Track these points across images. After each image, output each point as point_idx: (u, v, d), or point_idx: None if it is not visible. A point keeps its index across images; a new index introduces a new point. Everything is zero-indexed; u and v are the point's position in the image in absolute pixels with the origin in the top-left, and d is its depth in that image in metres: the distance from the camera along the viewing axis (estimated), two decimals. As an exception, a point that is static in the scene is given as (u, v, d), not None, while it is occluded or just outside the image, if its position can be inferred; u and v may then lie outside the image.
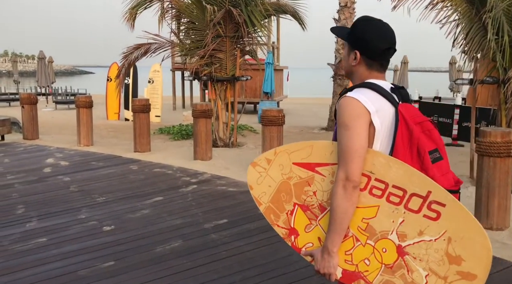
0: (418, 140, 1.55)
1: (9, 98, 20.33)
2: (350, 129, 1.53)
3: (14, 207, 4.61)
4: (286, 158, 1.76)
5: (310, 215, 1.71)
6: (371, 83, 1.61)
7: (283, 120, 6.03)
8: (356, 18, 1.74)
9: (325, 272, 1.63)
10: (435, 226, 1.49)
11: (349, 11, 11.65)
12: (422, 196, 1.50)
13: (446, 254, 1.48)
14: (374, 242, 1.58)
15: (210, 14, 7.40)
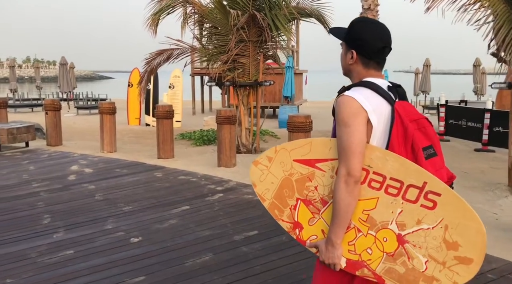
0: (412, 137, 1.61)
1: (31, 103, 20.63)
2: (349, 126, 1.59)
3: (40, 217, 4.55)
4: (287, 155, 1.83)
5: (313, 209, 1.78)
6: (368, 82, 1.65)
7: (310, 126, 5.86)
8: (352, 21, 1.76)
9: (329, 262, 1.69)
10: (432, 215, 1.56)
11: (372, 13, 11.40)
12: (419, 187, 1.58)
13: (444, 241, 1.55)
14: (375, 232, 1.65)
15: (233, 18, 7.29)
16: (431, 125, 1.71)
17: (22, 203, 5.02)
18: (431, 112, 20.57)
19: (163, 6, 8.44)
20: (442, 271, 1.58)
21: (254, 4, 7.63)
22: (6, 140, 8.05)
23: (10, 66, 23.59)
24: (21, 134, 8.29)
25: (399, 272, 1.63)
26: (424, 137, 1.66)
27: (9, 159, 7.50)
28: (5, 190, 5.57)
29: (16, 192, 5.47)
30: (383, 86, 1.68)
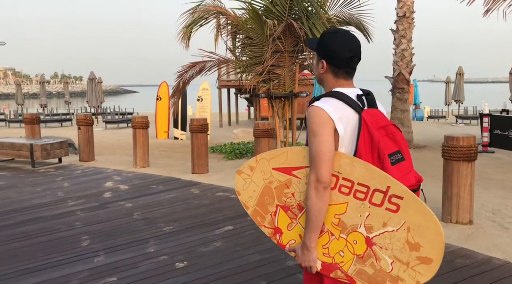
0: (378, 144, 1.67)
1: (61, 118, 20.88)
2: (317, 135, 1.67)
3: (79, 238, 4.33)
4: (266, 164, 1.93)
5: (291, 215, 1.88)
6: (336, 92, 1.73)
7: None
8: (323, 32, 1.82)
9: (306, 265, 1.78)
10: (396, 218, 1.64)
11: (408, 21, 11.04)
12: (383, 191, 1.65)
13: (407, 242, 1.63)
14: (346, 235, 1.72)
15: (269, 28, 7.04)
16: (399, 131, 1.78)
17: (60, 222, 4.83)
18: (465, 122, 19.87)
19: (196, 18, 8.29)
20: (406, 271, 1.65)
21: (290, 13, 7.39)
22: (40, 156, 7.97)
23: (40, 82, 24.05)
24: (55, 150, 8.21)
25: (368, 273, 1.71)
26: (392, 142, 1.73)
27: (44, 176, 7.39)
28: (42, 208, 5.40)
29: (52, 210, 5.30)
30: (351, 94, 1.75)
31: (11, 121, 20.15)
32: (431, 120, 22.42)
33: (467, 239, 4.11)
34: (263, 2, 7.62)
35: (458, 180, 4.30)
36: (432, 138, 13.13)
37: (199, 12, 8.26)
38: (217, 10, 8.07)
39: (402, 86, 11.26)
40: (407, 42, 11.11)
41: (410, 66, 11.27)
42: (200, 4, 8.29)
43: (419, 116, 22.57)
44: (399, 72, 11.23)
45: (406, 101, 11.43)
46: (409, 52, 11.18)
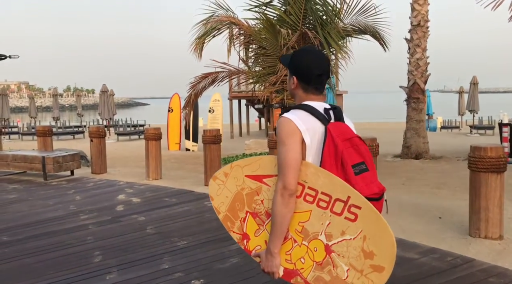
0: (342, 155, 1.75)
1: (73, 131, 20.98)
2: (285, 145, 1.75)
3: (91, 254, 4.19)
4: (240, 171, 2.00)
5: (259, 221, 1.94)
6: (304, 105, 1.83)
7: (377, 150, 5.33)
8: (295, 52, 1.93)
9: (268, 270, 1.83)
10: (353, 227, 1.70)
11: (422, 30, 10.87)
12: (344, 201, 1.71)
13: (362, 250, 1.68)
14: (308, 242, 1.78)
15: (283, 38, 6.95)
16: (364, 143, 1.88)
17: (71, 237, 4.70)
18: (480, 132, 19.52)
19: (208, 29, 8.26)
20: (360, 278, 1.71)
21: (304, 22, 7.30)
22: (52, 169, 7.90)
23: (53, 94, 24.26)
24: (67, 162, 8.14)
25: (325, 280, 1.76)
26: (356, 154, 1.81)
27: (55, 189, 7.31)
28: (54, 222, 5.29)
29: (64, 225, 5.18)
30: (319, 108, 1.84)
31: (24, 134, 20.29)
32: (444, 130, 22.10)
33: (499, 256, 3.89)
34: (277, 12, 7.56)
35: (487, 193, 4.09)
36: (447, 149, 12.86)
37: (211, 23, 8.23)
38: (230, 20, 8.02)
39: (417, 96, 11.05)
40: (422, 51, 10.93)
41: (425, 75, 11.08)
42: (212, 15, 8.26)
43: (432, 126, 22.25)
44: (414, 81, 11.03)
45: (421, 111, 11.21)
46: (424, 61, 10.99)
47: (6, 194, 7.03)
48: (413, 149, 11.02)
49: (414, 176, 8.50)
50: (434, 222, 4.92)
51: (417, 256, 3.89)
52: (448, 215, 5.18)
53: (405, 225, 4.83)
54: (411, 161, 10.53)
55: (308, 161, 1.80)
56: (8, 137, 20.51)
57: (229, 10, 8.15)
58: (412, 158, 10.88)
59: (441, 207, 5.57)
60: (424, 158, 10.86)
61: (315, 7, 7.08)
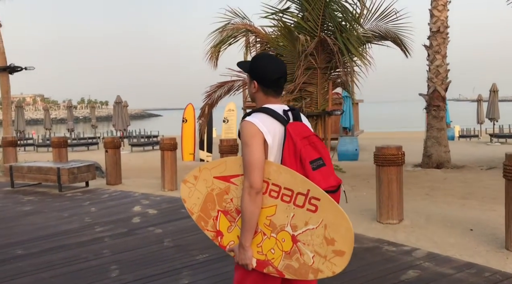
0: (300, 152, 1.91)
1: (87, 142, 21.03)
2: (249, 146, 1.90)
3: (107, 268, 4.02)
4: (208, 173, 2.13)
5: (230, 218, 2.07)
6: (265, 108, 1.96)
7: (403, 159, 5.10)
8: (253, 58, 2.06)
9: (242, 263, 1.97)
10: (315, 217, 1.89)
11: (442, 36, 10.61)
12: (304, 194, 1.90)
13: (324, 238, 1.88)
14: (276, 234, 1.95)
15: (302, 44, 6.79)
16: (320, 140, 2.02)
17: (87, 251, 4.55)
18: (500, 140, 19.04)
19: (224, 37, 8.15)
20: (324, 263, 1.88)
21: (322, 28, 7.13)
22: (67, 180, 7.80)
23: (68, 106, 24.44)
24: (82, 173, 8.04)
25: (294, 267, 1.94)
26: (314, 151, 1.97)
27: (70, 200, 7.19)
28: (69, 235, 5.15)
29: (79, 237, 5.03)
30: (279, 110, 1.98)
31: (39, 146, 20.40)
32: (462, 139, 21.64)
33: (542, 271, 3.61)
34: (294, 19, 7.42)
35: (526, 203, 3.83)
36: (469, 158, 12.50)
37: (227, 31, 8.12)
38: (246, 28, 7.91)
39: (437, 103, 10.77)
40: (442, 58, 10.67)
41: (446, 82, 10.80)
42: (228, 23, 8.15)
43: (450, 135, 21.75)
44: (434, 88, 10.75)
45: (442, 119, 10.91)
46: (444, 68, 10.73)
47: (21, 206, 6.93)
48: (434, 158, 10.71)
49: (438, 186, 8.20)
50: (466, 235, 4.65)
51: (452, 271, 3.64)
52: (479, 227, 4.91)
53: (435, 238, 4.57)
54: (432, 171, 10.22)
55: (270, 160, 1.95)
56: (24, 149, 20.64)
57: (245, 18, 8.05)
58: (433, 168, 10.56)
59: (471, 219, 5.29)
60: (445, 167, 10.54)
61: (334, 13, 6.91)
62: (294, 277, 1.95)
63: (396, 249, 4.22)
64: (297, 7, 7.44)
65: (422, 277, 3.52)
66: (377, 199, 5.23)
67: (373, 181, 8.45)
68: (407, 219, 5.25)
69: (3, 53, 11.32)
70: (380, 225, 5.10)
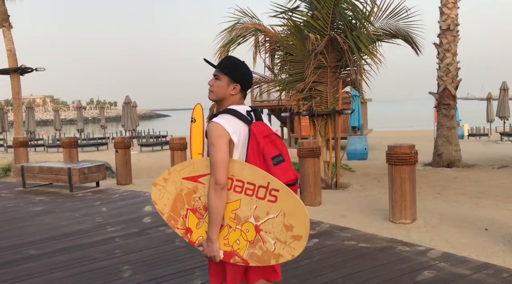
0: (263, 150, 2.12)
1: (97, 142, 21.13)
2: (215, 146, 2.07)
3: (119, 269, 4.02)
4: (177, 175, 2.27)
5: (198, 215, 2.22)
6: (230, 110, 2.14)
7: (416, 158, 5.04)
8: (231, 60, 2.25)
9: (210, 255, 2.14)
10: (275, 207, 2.07)
11: (452, 34, 10.53)
12: (265, 186, 2.08)
13: (284, 225, 2.06)
14: (241, 226, 2.12)
15: (311, 43, 6.74)
16: (280, 138, 2.21)
17: (99, 251, 4.55)
18: (511, 139, 18.82)
19: (233, 36, 8.11)
20: (284, 248, 2.06)
21: (332, 27, 7.08)
22: (78, 180, 7.83)
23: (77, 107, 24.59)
24: (92, 173, 8.07)
25: (258, 255, 2.10)
26: (274, 148, 2.14)
27: (81, 200, 7.22)
28: (80, 235, 5.16)
29: (91, 238, 5.04)
30: (242, 111, 2.16)
31: (49, 146, 20.54)
32: (472, 138, 21.43)
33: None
34: (304, 17, 7.37)
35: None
36: (479, 157, 12.37)
37: (236, 31, 8.08)
38: (255, 27, 7.87)
39: (448, 102, 10.68)
40: (452, 56, 10.58)
41: (456, 81, 10.71)
42: (237, 22, 8.12)
43: (459, 134, 21.37)
44: (444, 87, 10.67)
45: (452, 117, 10.81)
46: (455, 66, 10.63)
47: (33, 206, 6.97)
48: (444, 157, 10.61)
49: (449, 185, 8.12)
50: (481, 235, 4.58)
51: (469, 272, 3.59)
52: (494, 226, 4.84)
53: (450, 238, 4.51)
54: (443, 170, 10.13)
55: (235, 158, 2.12)
56: (34, 149, 20.80)
57: (254, 17, 8.01)
58: (443, 167, 10.46)
59: (485, 218, 5.22)
60: (456, 166, 10.44)
61: (344, 11, 6.85)
62: (258, 264, 2.11)
63: (410, 249, 4.17)
64: (307, 6, 7.39)
65: (438, 278, 3.47)
66: (389, 199, 5.18)
67: (383, 181, 8.41)
68: (420, 218, 5.19)
69: (14, 55, 11.41)
70: (392, 225, 5.05)
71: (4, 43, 11.39)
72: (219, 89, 2.20)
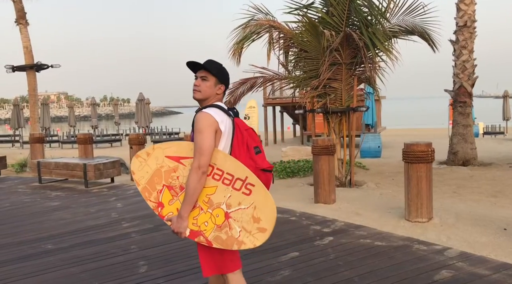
0: (247, 140, 2.41)
1: (111, 139, 21.32)
2: (203, 133, 2.28)
3: (135, 264, 4.05)
4: (161, 152, 2.45)
5: (173, 193, 2.41)
6: (216, 105, 2.41)
7: (433, 156, 4.98)
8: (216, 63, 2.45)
9: (177, 231, 2.33)
10: (248, 199, 2.29)
11: (469, 31, 10.35)
12: (242, 180, 2.30)
13: (252, 217, 2.28)
14: (212, 210, 2.33)
15: (326, 40, 6.69)
16: (255, 133, 2.49)
17: (115, 246, 4.60)
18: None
19: (247, 33, 8.09)
20: (248, 237, 2.28)
21: (347, 23, 7.02)
22: (93, 176, 7.91)
23: (92, 104, 24.81)
24: (107, 169, 8.14)
25: (222, 238, 2.30)
26: (252, 140, 2.42)
27: (97, 196, 7.29)
28: (97, 230, 5.21)
29: (107, 233, 5.09)
30: (224, 107, 2.42)
31: (64, 142, 20.79)
32: (487, 136, 21.13)
33: None
34: (319, 14, 7.32)
35: None
36: (496, 155, 12.17)
37: (250, 27, 8.06)
38: (269, 24, 7.84)
39: (463, 99, 10.52)
40: (469, 53, 10.41)
41: (472, 78, 10.54)
42: (251, 19, 8.10)
43: (474, 132, 21.21)
44: (460, 84, 10.51)
45: (468, 115, 10.66)
46: (471, 63, 10.47)
47: (49, 201, 7.06)
48: (460, 156, 10.47)
49: (465, 184, 8.01)
50: (500, 234, 4.52)
51: (488, 272, 3.53)
52: (513, 226, 4.76)
53: (467, 237, 4.45)
54: (458, 168, 9.99)
55: (221, 146, 2.34)
56: (49, 145, 21.07)
57: (269, 14, 7.98)
58: (459, 165, 10.33)
59: (503, 217, 5.14)
60: (472, 165, 10.29)
61: (360, 8, 6.79)
62: (220, 247, 2.31)
63: (427, 248, 4.13)
64: (322, 2, 7.34)
65: (457, 278, 3.43)
66: (405, 197, 5.13)
67: (397, 178, 8.34)
68: (436, 217, 5.13)
69: (30, 52, 11.55)
70: (408, 223, 5.00)
71: (20, 40, 11.53)
72: (208, 88, 2.41)
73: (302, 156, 11.65)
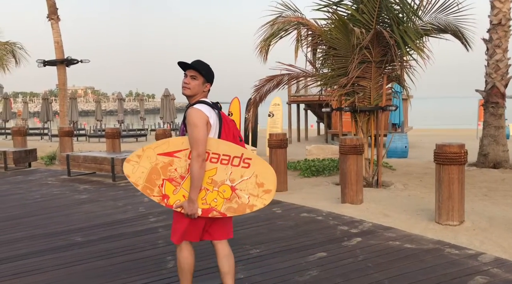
0: (233, 130, 2.85)
1: (136, 134, 21.61)
2: (198, 126, 2.65)
3: (163, 259, 4.08)
4: (152, 152, 2.75)
5: (175, 184, 2.73)
6: (204, 101, 2.78)
7: (465, 158, 4.84)
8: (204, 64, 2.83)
9: (191, 213, 2.70)
10: (248, 171, 2.70)
11: (503, 29, 10.01)
12: (239, 157, 2.70)
13: (256, 183, 2.69)
14: (218, 188, 2.70)
15: (356, 37, 6.58)
16: (236, 125, 2.93)
17: (143, 240, 4.64)
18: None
19: (275, 30, 8.04)
20: (257, 200, 2.71)
21: (378, 20, 6.88)
22: (121, 170, 8.02)
23: (118, 99, 25.19)
24: (134, 164, 8.24)
25: (234, 207, 2.72)
26: (236, 130, 2.87)
27: (124, 190, 7.39)
28: (125, 224, 5.28)
29: (135, 227, 5.15)
30: (210, 103, 2.80)
31: (91, 136, 21.19)
32: (519, 138, 20.45)
33: None
34: (349, 11, 7.21)
35: None
36: (529, 158, 11.76)
37: (278, 24, 8.01)
38: (298, 21, 7.77)
39: (496, 100, 10.20)
40: (503, 52, 10.08)
41: (506, 78, 10.20)
42: (279, 15, 8.04)
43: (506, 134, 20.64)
44: (492, 84, 10.19)
45: (501, 116, 10.34)
46: (505, 63, 10.13)
47: (78, 194, 7.20)
48: (490, 158, 10.17)
49: (497, 187, 7.77)
50: (536, 240, 4.35)
51: (525, 279, 3.40)
52: (550, 232, 4.58)
53: (502, 242, 4.30)
54: (489, 171, 9.71)
55: (210, 136, 2.71)
56: (76, 139, 21.52)
57: (297, 10, 7.90)
58: (489, 167, 10.03)
59: (539, 223, 4.95)
60: (503, 167, 9.98)
61: (391, 5, 6.64)
62: (234, 214, 2.74)
63: (459, 252, 4.01)
64: (351, -1, 7.22)
65: (491, 284, 3.32)
66: (436, 199, 5.00)
67: (425, 180, 8.16)
68: (468, 221, 4.99)
69: (61, 47, 11.79)
70: (438, 226, 4.88)
71: (52, 35, 11.78)
72: (197, 86, 2.77)
73: (326, 155, 11.53)
